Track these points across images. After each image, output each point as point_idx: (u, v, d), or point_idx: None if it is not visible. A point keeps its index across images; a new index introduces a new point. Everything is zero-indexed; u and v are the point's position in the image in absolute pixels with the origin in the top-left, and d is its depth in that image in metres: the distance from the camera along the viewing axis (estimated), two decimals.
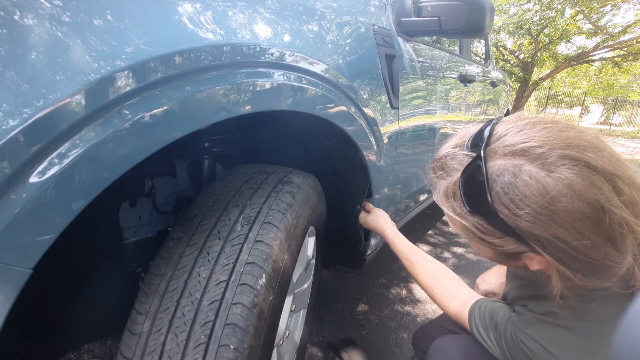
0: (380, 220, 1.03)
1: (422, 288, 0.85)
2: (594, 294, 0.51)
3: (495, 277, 0.96)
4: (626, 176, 0.43)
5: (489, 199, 0.46)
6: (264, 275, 0.57)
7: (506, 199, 0.45)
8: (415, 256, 0.89)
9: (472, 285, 0.90)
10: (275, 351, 0.81)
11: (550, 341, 0.55)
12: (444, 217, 2.58)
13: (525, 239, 0.46)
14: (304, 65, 0.65)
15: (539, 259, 0.48)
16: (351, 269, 1.65)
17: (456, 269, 1.90)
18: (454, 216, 0.53)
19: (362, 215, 1.08)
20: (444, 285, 0.81)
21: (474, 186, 0.48)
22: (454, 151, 0.53)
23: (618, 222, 0.42)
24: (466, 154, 0.51)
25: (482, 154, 0.48)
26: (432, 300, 0.83)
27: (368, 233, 1.15)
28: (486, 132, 0.50)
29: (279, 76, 0.60)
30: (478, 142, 0.50)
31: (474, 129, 0.54)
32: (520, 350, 0.58)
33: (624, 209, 0.42)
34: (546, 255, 0.45)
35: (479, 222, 0.49)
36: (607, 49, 11.73)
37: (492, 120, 0.53)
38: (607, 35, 10.89)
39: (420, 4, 1.08)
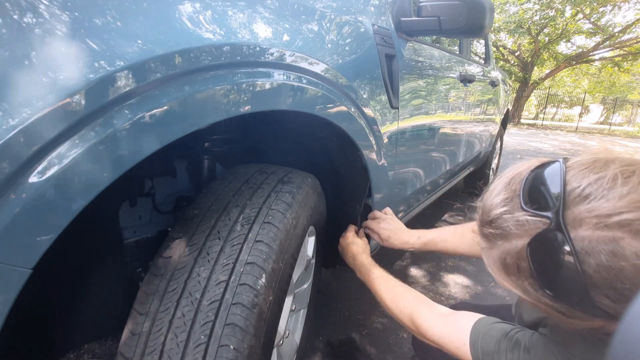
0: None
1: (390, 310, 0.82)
2: None
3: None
4: None
5: (584, 286, 0.35)
6: (263, 275, 0.57)
7: (608, 289, 0.34)
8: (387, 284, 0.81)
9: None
10: (275, 351, 0.81)
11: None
12: (444, 217, 2.59)
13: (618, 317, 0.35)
14: (303, 65, 0.65)
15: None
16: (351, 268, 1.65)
17: (456, 269, 1.90)
18: (518, 291, 0.41)
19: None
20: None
21: (554, 265, 0.36)
22: (508, 209, 0.41)
23: None
24: (531, 216, 0.38)
25: (562, 222, 0.35)
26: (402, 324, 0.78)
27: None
28: (557, 186, 0.37)
29: (279, 76, 0.60)
30: (541, 199, 0.38)
31: (522, 170, 0.42)
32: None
33: None
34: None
35: (560, 306, 0.38)
36: (607, 49, 11.74)
37: (549, 161, 0.41)
38: (607, 35, 10.89)
39: (420, 4, 1.08)
